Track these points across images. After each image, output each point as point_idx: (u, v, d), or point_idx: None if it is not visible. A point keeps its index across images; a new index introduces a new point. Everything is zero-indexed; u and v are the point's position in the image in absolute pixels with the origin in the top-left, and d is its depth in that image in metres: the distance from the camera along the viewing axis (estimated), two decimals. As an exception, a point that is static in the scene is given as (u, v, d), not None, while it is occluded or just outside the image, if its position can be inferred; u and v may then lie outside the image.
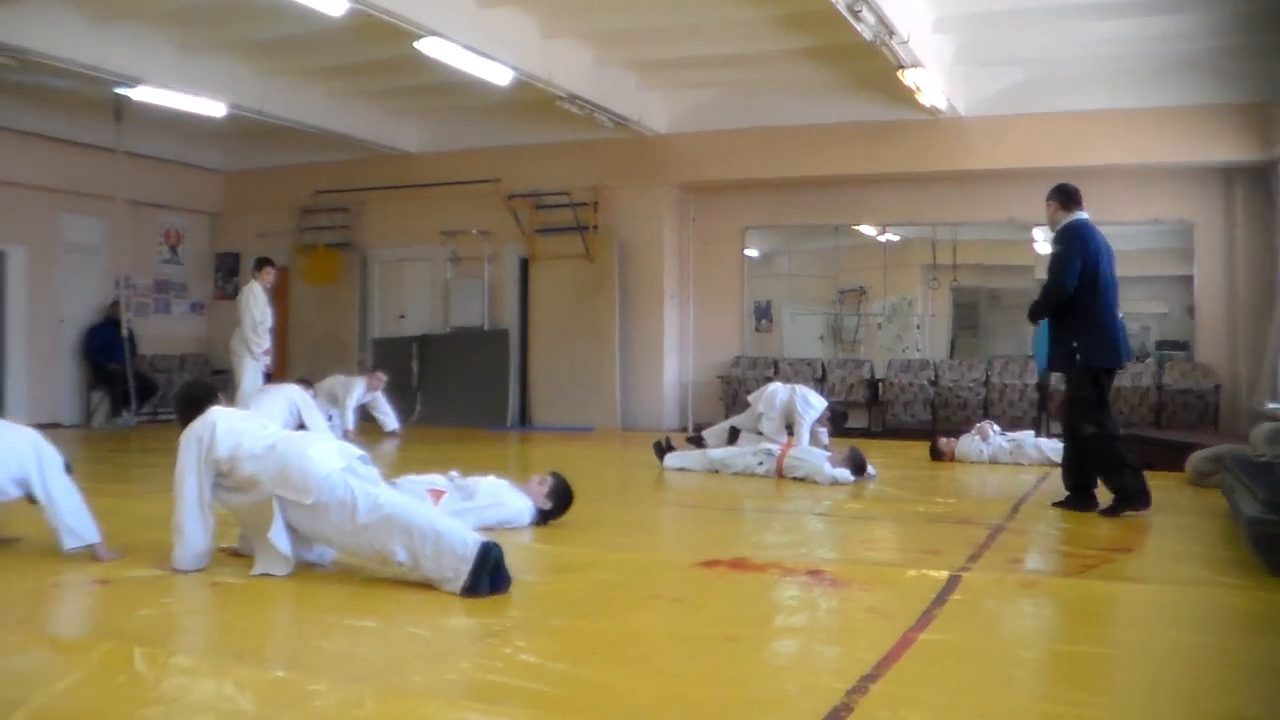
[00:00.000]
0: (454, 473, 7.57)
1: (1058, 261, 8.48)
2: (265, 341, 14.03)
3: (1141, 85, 14.45)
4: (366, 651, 4.56)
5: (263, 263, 14.44)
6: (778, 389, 12.12)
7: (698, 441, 12.55)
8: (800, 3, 12.32)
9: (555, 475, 7.68)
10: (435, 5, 11.84)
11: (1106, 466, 8.37)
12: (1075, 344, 8.40)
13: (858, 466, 10.43)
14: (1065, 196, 8.67)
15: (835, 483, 10.18)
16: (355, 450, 5.94)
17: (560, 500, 7.59)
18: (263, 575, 5.69)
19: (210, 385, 6.51)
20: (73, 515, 6.06)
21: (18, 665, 4.37)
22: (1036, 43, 13.91)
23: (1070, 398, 8.63)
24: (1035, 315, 8.95)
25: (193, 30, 13.80)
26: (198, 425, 5.85)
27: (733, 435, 12.32)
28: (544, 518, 7.51)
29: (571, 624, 5.01)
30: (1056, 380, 15.16)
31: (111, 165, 16.48)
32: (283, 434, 6.06)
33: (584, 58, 14.56)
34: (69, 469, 6.26)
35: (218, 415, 5.92)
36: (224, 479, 5.80)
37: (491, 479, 7.59)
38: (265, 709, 3.75)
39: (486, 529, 6.42)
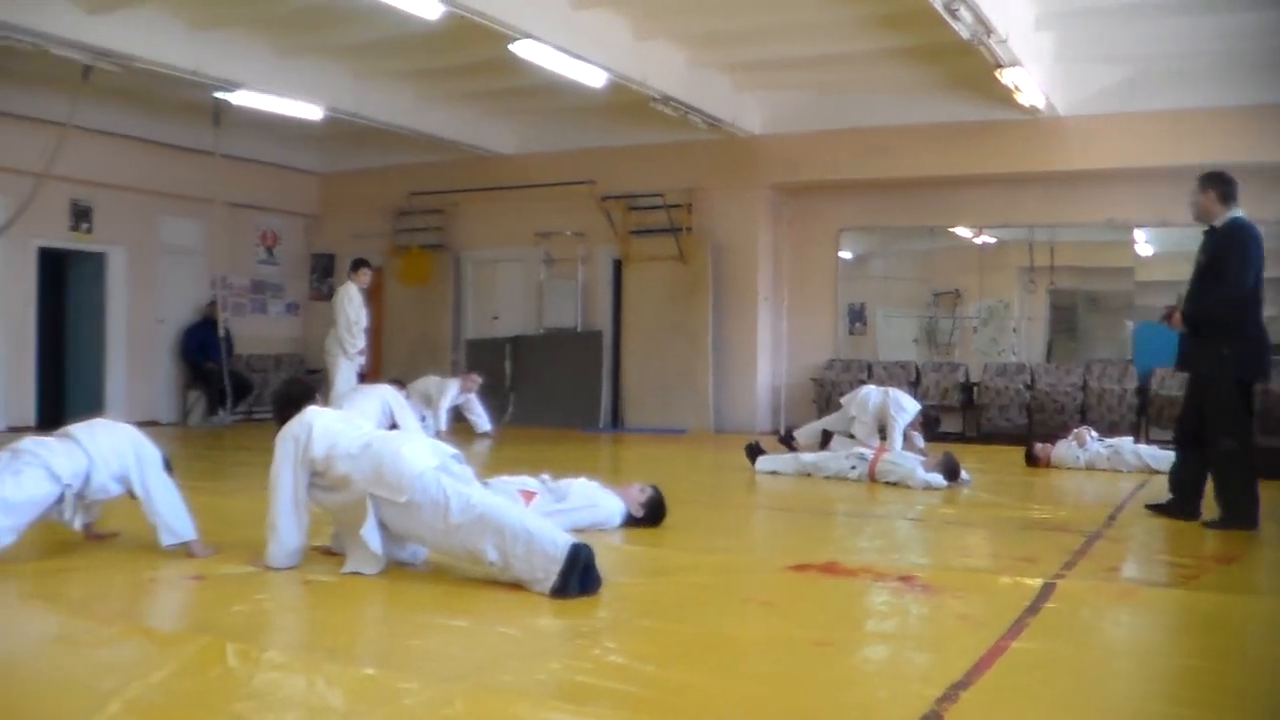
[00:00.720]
0: (545, 475, 7.58)
1: (1236, 263, 7.78)
2: (360, 342, 14.17)
3: (1250, 81, 13.98)
4: (457, 651, 4.59)
5: (359, 264, 14.58)
6: (870, 391, 12.01)
7: (788, 440, 12.48)
8: (896, 2, 12.20)
9: (655, 489, 7.68)
10: (529, 8, 11.88)
11: (1235, 484, 7.88)
12: (1226, 351, 7.80)
13: (951, 471, 10.31)
14: (1227, 187, 7.95)
15: (929, 488, 10.07)
16: (449, 449, 5.98)
17: (653, 513, 7.58)
18: (354, 573, 5.74)
19: (308, 385, 6.57)
20: (171, 512, 6.18)
21: (115, 656, 4.44)
22: (1141, 39, 13.59)
23: (1202, 406, 8.03)
24: (1202, 320, 7.94)
25: (289, 35, 14.00)
26: (294, 425, 5.93)
27: (825, 438, 12.23)
28: (633, 524, 7.51)
29: (661, 626, 4.99)
30: (1157, 384, 14.89)
31: (210, 168, 16.73)
32: (377, 434, 6.13)
33: (678, 59, 14.55)
34: (168, 467, 6.38)
35: (314, 415, 6.01)
36: (319, 478, 5.87)
37: (583, 480, 7.60)
38: (355, 706, 3.78)
39: (578, 530, 6.43)
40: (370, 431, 6.11)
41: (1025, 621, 5.03)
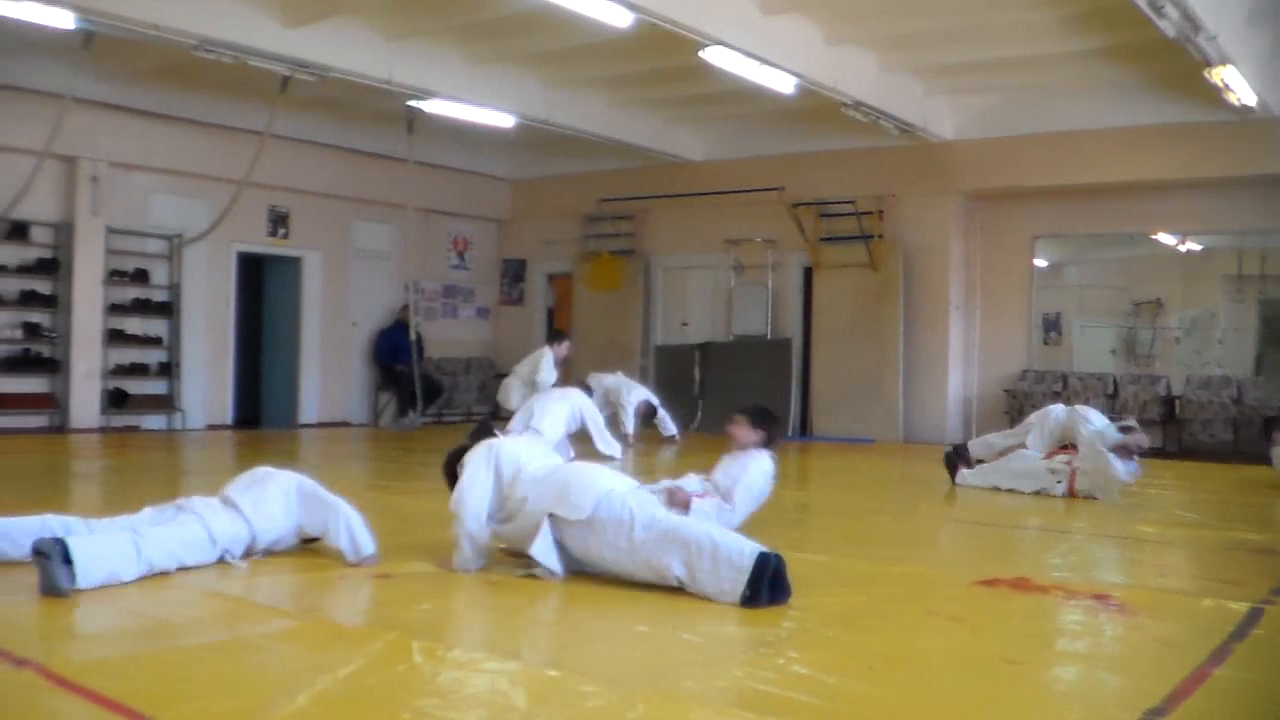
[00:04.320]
0: (694, 475, 7.42)
1: None
2: None
3: None
4: (639, 655, 4.63)
5: (560, 336, 14.47)
6: (1057, 408, 11.54)
7: (960, 455, 11.88)
8: (1095, 0, 11.87)
9: (742, 410, 7.37)
10: (720, 14, 11.87)
11: None
12: None
13: (1127, 429, 10.34)
14: None
15: (1129, 477, 10.01)
16: (632, 481, 6.03)
17: (766, 421, 7.26)
18: (528, 576, 5.82)
19: (480, 437, 6.52)
20: (350, 534, 6.19)
21: (304, 651, 4.57)
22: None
23: None
24: None
25: (482, 44, 14.24)
26: (480, 448, 6.08)
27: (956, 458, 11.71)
28: (771, 445, 7.25)
29: (846, 637, 4.94)
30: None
31: (403, 174, 17.14)
32: (564, 464, 6.27)
33: (869, 64, 14.38)
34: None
35: (500, 441, 6.21)
36: (499, 508, 5.99)
37: (723, 462, 7.31)
38: (537, 706, 3.81)
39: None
40: (557, 462, 6.26)
41: (1230, 647, 4.82)
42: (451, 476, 6.22)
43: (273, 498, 6.27)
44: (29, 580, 5.22)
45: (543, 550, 5.73)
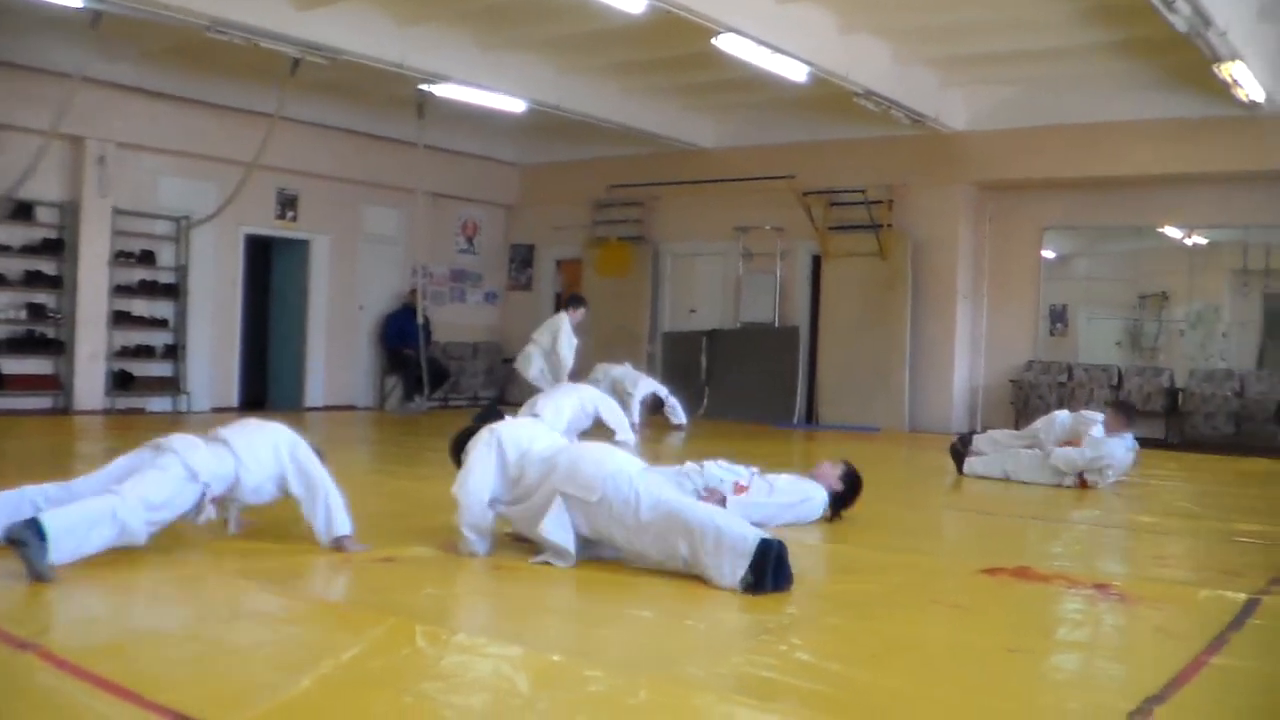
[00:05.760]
0: (755, 469, 7.60)
1: None
2: (565, 376, 14.09)
3: None
4: (642, 641, 4.67)
5: (578, 301, 14.55)
6: (1062, 414, 11.49)
7: (966, 442, 11.89)
8: (1108, -6, 11.90)
9: (846, 462, 7.75)
10: (733, 1, 11.86)
11: None
12: None
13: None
14: None
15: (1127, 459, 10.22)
16: (641, 463, 6.07)
17: (852, 486, 7.63)
18: (544, 563, 5.84)
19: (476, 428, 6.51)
20: (327, 512, 6.05)
21: (307, 634, 4.63)
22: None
23: None
24: None
25: (493, 29, 14.23)
26: (483, 433, 6.10)
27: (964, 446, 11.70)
28: (836, 504, 7.55)
29: (849, 624, 4.99)
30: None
31: (412, 158, 17.15)
32: (572, 443, 6.35)
33: (882, 54, 14.37)
34: (320, 456, 6.26)
35: (503, 425, 6.21)
36: (506, 492, 6.00)
37: (788, 475, 7.67)
38: (540, 690, 3.85)
39: (783, 527, 6.52)
40: (564, 443, 6.32)
41: (1226, 637, 4.87)
42: (458, 458, 6.23)
43: (262, 443, 6.11)
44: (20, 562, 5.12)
45: (555, 527, 5.73)
